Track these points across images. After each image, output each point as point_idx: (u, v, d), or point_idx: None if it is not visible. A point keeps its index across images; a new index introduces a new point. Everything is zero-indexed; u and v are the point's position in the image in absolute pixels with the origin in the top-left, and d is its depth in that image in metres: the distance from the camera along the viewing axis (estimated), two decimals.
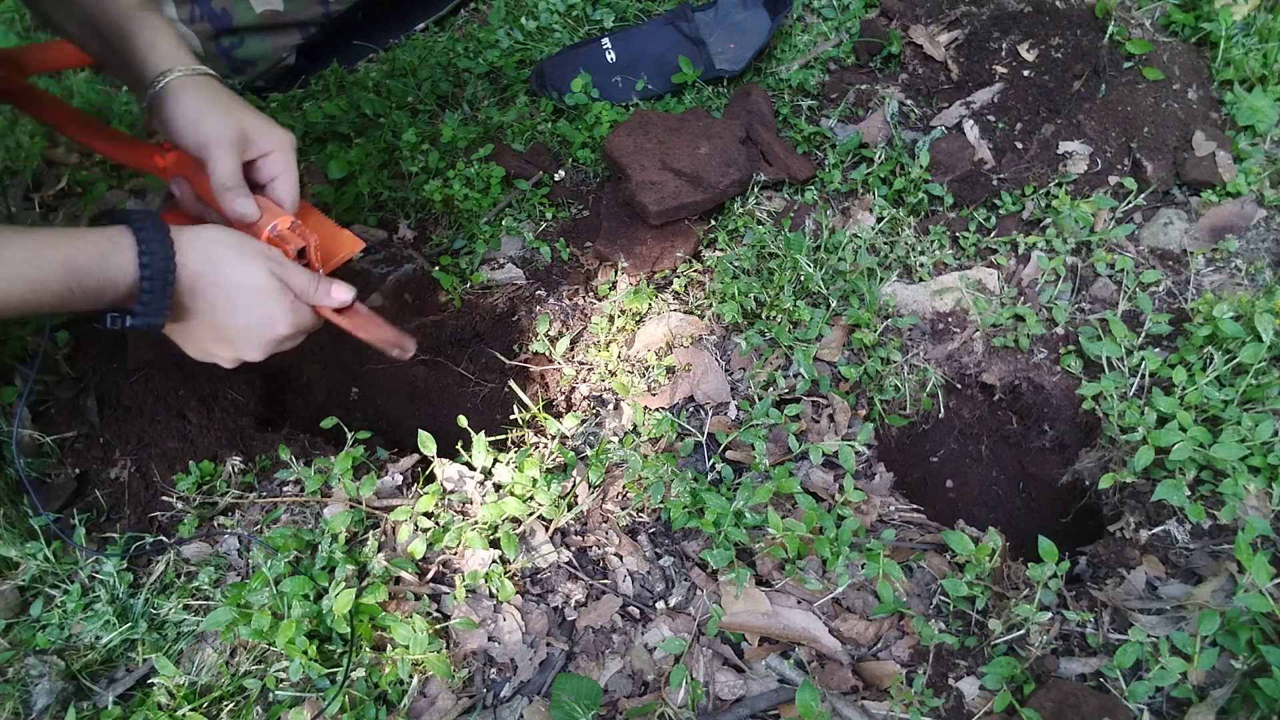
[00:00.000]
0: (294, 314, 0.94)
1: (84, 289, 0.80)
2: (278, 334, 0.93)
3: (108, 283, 0.82)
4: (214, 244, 0.89)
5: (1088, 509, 1.20)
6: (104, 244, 0.82)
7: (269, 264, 0.91)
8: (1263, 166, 1.35)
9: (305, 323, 0.96)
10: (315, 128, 1.64)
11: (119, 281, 0.82)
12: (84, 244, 0.80)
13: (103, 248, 0.81)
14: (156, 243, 0.84)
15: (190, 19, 1.67)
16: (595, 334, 1.33)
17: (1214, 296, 1.21)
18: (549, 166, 1.52)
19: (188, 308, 0.89)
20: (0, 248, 0.76)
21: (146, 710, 0.96)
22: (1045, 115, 1.42)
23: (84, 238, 0.81)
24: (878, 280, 1.32)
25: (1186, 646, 0.93)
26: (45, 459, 1.18)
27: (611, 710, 0.96)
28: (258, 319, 0.91)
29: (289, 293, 0.93)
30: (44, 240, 0.79)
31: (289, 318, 0.93)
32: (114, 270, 0.82)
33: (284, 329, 0.93)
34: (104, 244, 0.82)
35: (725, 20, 1.62)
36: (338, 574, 1.02)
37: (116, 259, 0.82)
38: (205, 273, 0.88)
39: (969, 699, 0.95)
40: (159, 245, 0.84)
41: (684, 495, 1.09)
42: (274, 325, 0.92)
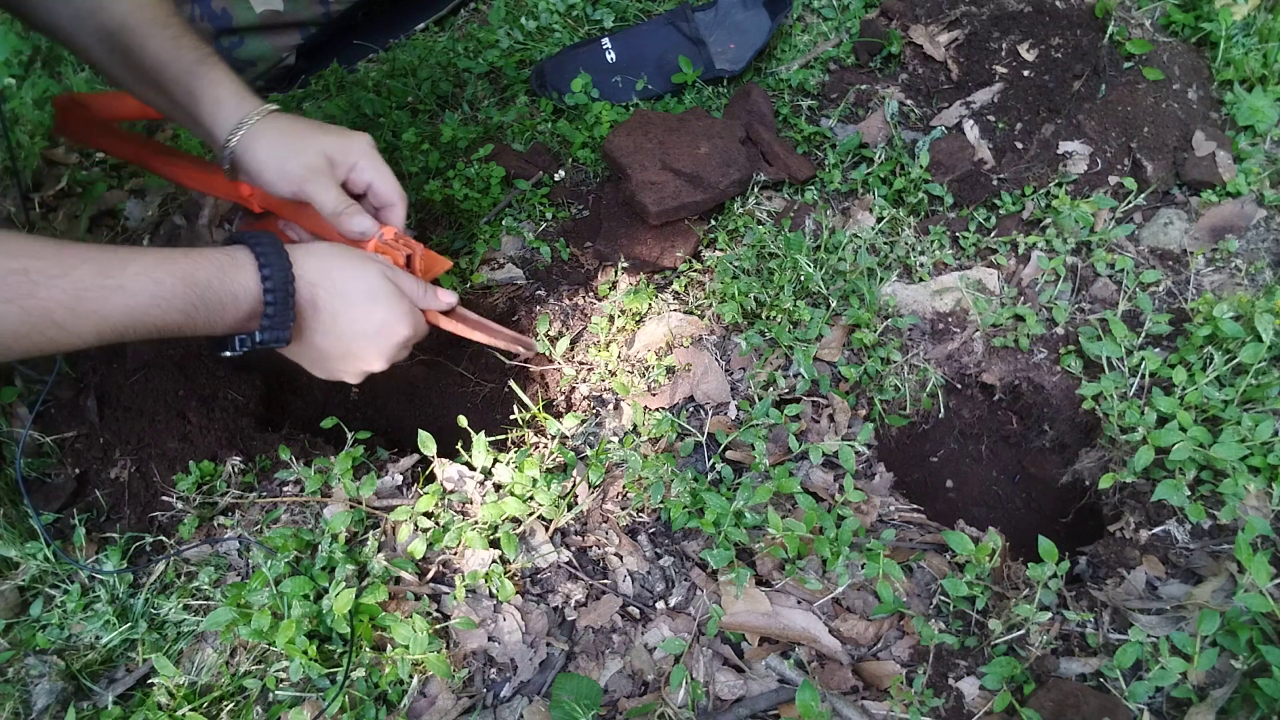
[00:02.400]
0: (412, 316, 0.94)
1: (206, 304, 0.80)
2: (400, 337, 0.94)
3: (228, 297, 0.81)
4: (326, 256, 0.90)
5: (1088, 509, 1.20)
6: (221, 259, 0.82)
7: (381, 269, 0.92)
8: (1263, 166, 1.35)
9: (421, 327, 0.97)
10: None
11: (240, 297, 0.82)
12: (201, 259, 0.81)
13: (220, 262, 0.82)
14: (274, 255, 0.84)
15: (190, 19, 1.67)
16: (595, 334, 1.33)
17: (1214, 296, 1.21)
18: (549, 166, 1.52)
19: (308, 321, 0.89)
20: (122, 266, 0.76)
21: (146, 710, 0.96)
22: (1045, 115, 1.42)
23: (201, 254, 0.81)
24: (878, 280, 1.32)
25: (1186, 646, 0.93)
26: (45, 459, 1.18)
27: (611, 710, 0.96)
28: (378, 324, 0.92)
29: (404, 295, 0.94)
30: (163, 257, 0.79)
31: (408, 319, 0.94)
32: (234, 284, 0.82)
33: (405, 330, 0.93)
34: (221, 259, 0.82)
35: (725, 20, 1.62)
36: (338, 574, 1.02)
37: (235, 273, 0.82)
38: (322, 283, 0.88)
39: (969, 699, 0.95)
40: (277, 257, 0.84)
41: (684, 495, 1.09)
42: (395, 329, 0.93)
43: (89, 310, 0.74)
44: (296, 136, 0.99)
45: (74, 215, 1.52)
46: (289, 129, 0.99)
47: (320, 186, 0.97)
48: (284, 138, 0.98)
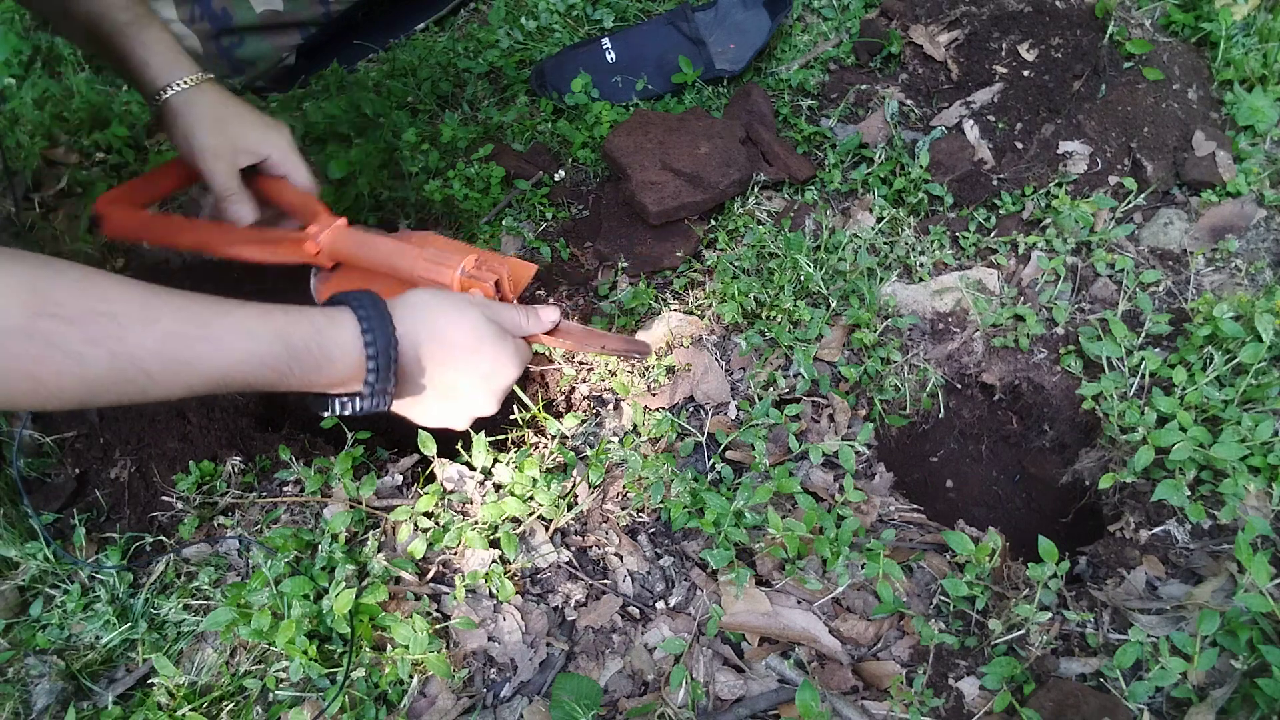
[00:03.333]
0: (518, 353, 0.91)
1: (301, 364, 0.76)
2: (509, 378, 0.91)
3: (324, 360, 0.78)
4: (424, 307, 0.86)
5: (1088, 509, 1.20)
6: (320, 319, 0.79)
7: (481, 310, 0.89)
8: (1263, 166, 1.35)
9: (527, 358, 0.94)
10: (315, 128, 1.64)
11: (337, 360, 0.79)
12: (300, 317, 0.77)
13: (319, 323, 0.78)
14: (375, 316, 0.80)
15: (190, 19, 1.67)
16: None
17: (1214, 296, 1.21)
18: (549, 166, 1.52)
19: (414, 378, 0.86)
20: (215, 318, 0.73)
21: (146, 710, 0.96)
22: (1045, 115, 1.42)
23: (300, 312, 0.78)
24: (878, 280, 1.32)
25: (1186, 646, 0.93)
26: (45, 459, 1.18)
27: (611, 710, 0.96)
28: (488, 369, 0.89)
29: (507, 334, 0.91)
30: (259, 311, 0.76)
31: (515, 358, 0.91)
32: (332, 346, 0.78)
33: (514, 370, 0.90)
34: (320, 319, 0.79)
35: (725, 20, 1.62)
36: (338, 574, 1.02)
37: (334, 333, 0.79)
38: (424, 339, 0.85)
39: (969, 699, 0.95)
40: (379, 320, 0.80)
41: (684, 495, 1.09)
42: (505, 371, 0.90)
43: (178, 360, 0.70)
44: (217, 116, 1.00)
45: (74, 215, 1.52)
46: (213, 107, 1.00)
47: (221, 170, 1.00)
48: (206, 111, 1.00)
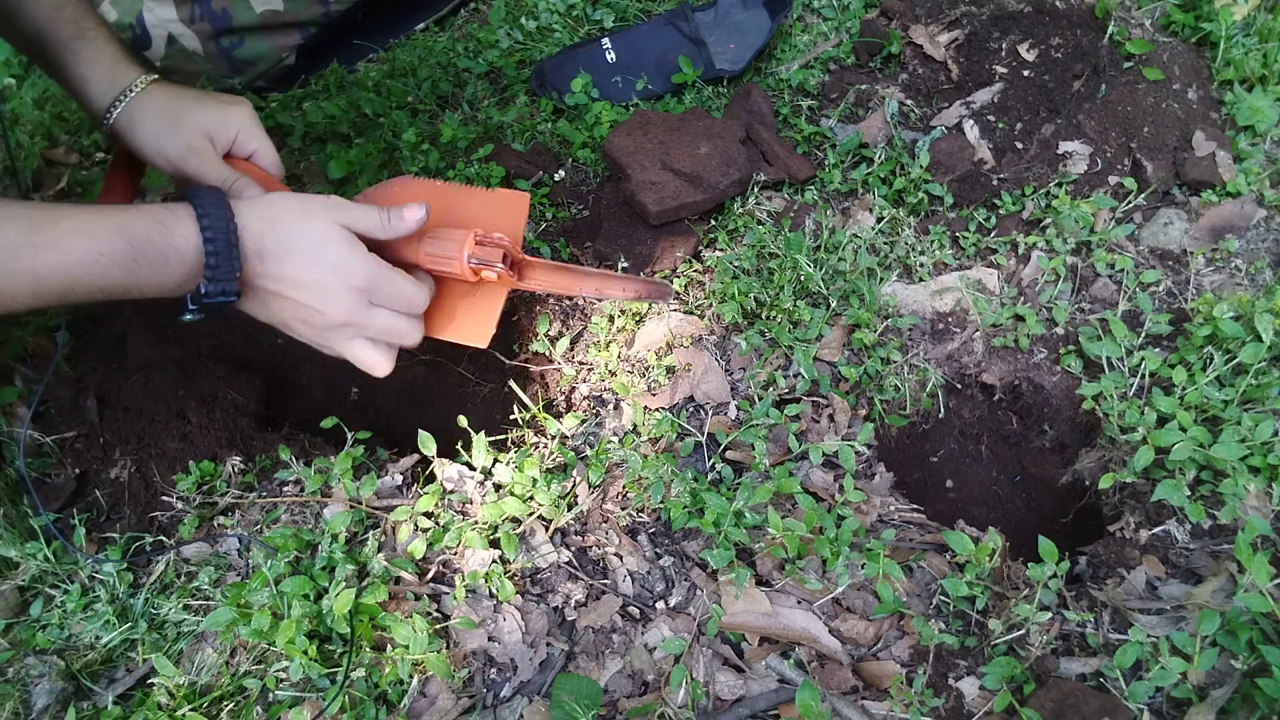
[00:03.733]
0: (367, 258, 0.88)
1: (147, 259, 0.78)
2: (356, 280, 0.87)
3: (170, 251, 0.79)
4: (274, 204, 0.86)
5: (1088, 509, 1.20)
6: (160, 212, 0.80)
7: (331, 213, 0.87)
8: (1263, 166, 1.35)
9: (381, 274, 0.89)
10: (315, 128, 1.64)
11: (182, 250, 0.80)
12: (139, 212, 0.79)
13: (159, 215, 0.80)
14: (213, 205, 0.81)
15: (190, 19, 1.67)
16: (595, 334, 1.33)
17: (1214, 296, 1.21)
18: (549, 166, 1.52)
19: (257, 272, 0.85)
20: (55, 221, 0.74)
21: (146, 710, 0.96)
22: (1045, 115, 1.42)
23: (140, 209, 0.80)
24: (878, 280, 1.32)
25: (1186, 646, 0.93)
26: (45, 459, 1.18)
27: (611, 710, 0.96)
28: (327, 267, 0.86)
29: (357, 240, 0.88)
30: (99, 211, 0.77)
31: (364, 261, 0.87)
32: (174, 237, 0.79)
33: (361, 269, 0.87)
34: (160, 212, 0.80)
35: (725, 20, 1.62)
36: (338, 574, 1.02)
37: (174, 224, 0.80)
38: (267, 232, 0.84)
39: (969, 699, 0.95)
40: (216, 207, 0.81)
41: (684, 495, 1.09)
42: (350, 270, 0.86)
43: (23, 269, 0.72)
44: (173, 115, 0.97)
45: None
46: (166, 107, 0.97)
47: (204, 164, 0.96)
48: (160, 116, 0.97)
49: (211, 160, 0.97)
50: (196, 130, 0.97)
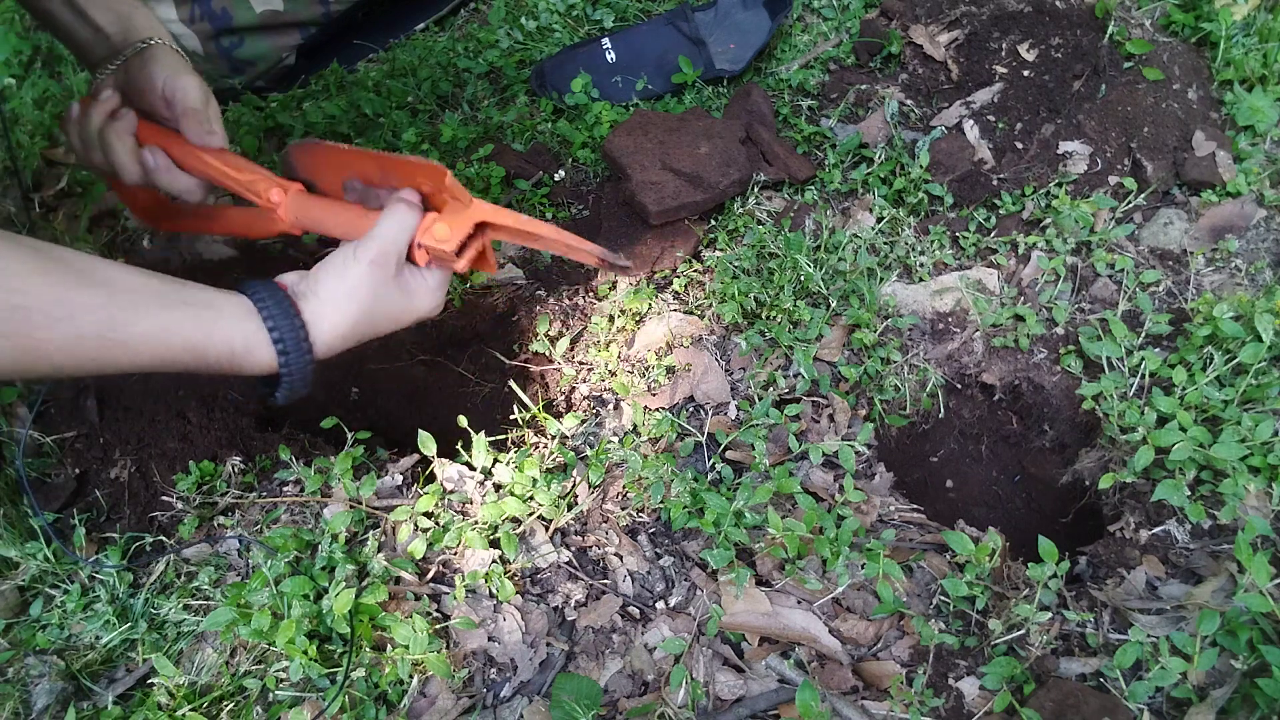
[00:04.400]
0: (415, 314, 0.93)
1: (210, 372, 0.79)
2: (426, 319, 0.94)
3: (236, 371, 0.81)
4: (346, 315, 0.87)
5: (1088, 509, 1.20)
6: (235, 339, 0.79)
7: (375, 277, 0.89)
8: (1263, 166, 1.35)
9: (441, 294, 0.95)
10: (315, 128, 1.65)
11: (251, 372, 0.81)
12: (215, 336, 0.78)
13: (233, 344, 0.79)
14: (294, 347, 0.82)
15: (190, 19, 1.67)
16: (595, 334, 1.33)
17: (1214, 296, 1.21)
18: (549, 166, 1.52)
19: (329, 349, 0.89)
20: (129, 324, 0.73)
21: (146, 710, 0.96)
22: (1045, 115, 1.42)
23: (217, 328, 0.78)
24: (878, 280, 1.32)
25: (1186, 646, 0.93)
26: (45, 459, 1.18)
27: (611, 710, 0.96)
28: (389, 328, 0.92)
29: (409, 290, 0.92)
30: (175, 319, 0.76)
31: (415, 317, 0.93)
32: (246, 366, 0.80)
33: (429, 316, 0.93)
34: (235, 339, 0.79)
35: (725, 20, 1.62)
36: (338, 574, 1.02)
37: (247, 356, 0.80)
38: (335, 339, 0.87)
39: (969, 699, 0.95)
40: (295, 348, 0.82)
41: (684, 495, 1.09)
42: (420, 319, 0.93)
43: (87, 359, 0.72)
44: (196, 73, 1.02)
45: (74, 215, 1.52)
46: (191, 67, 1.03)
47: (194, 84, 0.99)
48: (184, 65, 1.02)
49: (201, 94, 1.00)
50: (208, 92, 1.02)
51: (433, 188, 0.97)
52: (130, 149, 1.00)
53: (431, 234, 0.94)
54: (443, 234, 0.94)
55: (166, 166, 1.01)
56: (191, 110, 0.99)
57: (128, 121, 1.00)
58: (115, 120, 1.00)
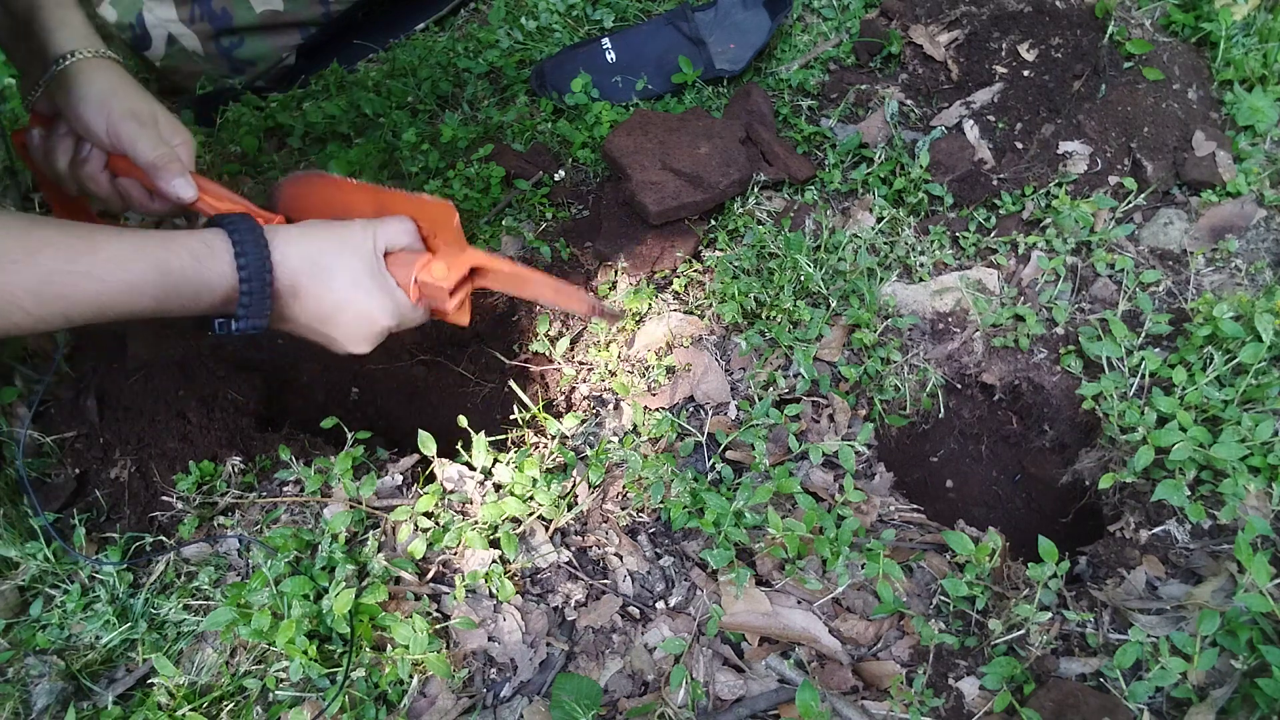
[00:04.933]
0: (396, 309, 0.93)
1: (179, 293, 0.79)
2: (379, 328, 0.93)
3: (203, 286, 0.80)
4: (312, 239, 0.88)
5: (1088, 509, 1.20)
6: (196, 246, 0.80)
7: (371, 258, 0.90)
8: (1263, 166, 1.35)
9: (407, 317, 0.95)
10: (315, 128, 1.65)
11: (215, 285, 0.81)
12: (176, 246, 0.79)
13: (195, 250, 0.80)
14: (251, 244, 0.82)
15: (190, 19, 1.67)
16: (595, 334, 1.33)
17: (1214, 296, 1.21)
18: (549, 166, 1.52)
19: (289, 306, 0.88)
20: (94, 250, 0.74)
21: (146, 710, 0.96)
22: (1045, 115, 1.42)
23: (176, 240, 0.80)
24: (878, 280, 1.32)
25: (1186, 646, 0.93)
26: (45, 459, 1.18)
27: (611, 710, 0.96)
28: (355, 315, 0.91)
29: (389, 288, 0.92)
30: (135, 242, 0.77)
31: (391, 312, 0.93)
32: (209, 273, 0.80)
33: (386, 321, 0.93)
34: (196, 246, 0.80)
35: (725, 20, 1.62)
36: (338, 574, 1.02)
37: (210, 261, 0.80)
38: (304, 269, 0.87)
39: (969, 699, 0.95)
40: (253, 246, 0.82)
41: (684, 495, 1.09)
42: (376, 320, 0.92)
43: (55, 295, 0.72)
44: (125, 83, 0.96)
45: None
46: (118, 76, 0.96)
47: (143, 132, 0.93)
48: (112, 80, 0.95)
49: (151, 130, 0.95)
50: (144, 100, 0.96)
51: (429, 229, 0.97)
52: (107, 186, 0.99)
53: (429, 271, 0.95)
54: (440, 273, 0.95)
55: (140, 193, 1.00)
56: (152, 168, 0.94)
57: (96, 161, 0.98)
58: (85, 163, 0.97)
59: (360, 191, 0.98)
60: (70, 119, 0.96)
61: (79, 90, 0.94)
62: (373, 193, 0.97)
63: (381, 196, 0.97)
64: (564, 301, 1.05)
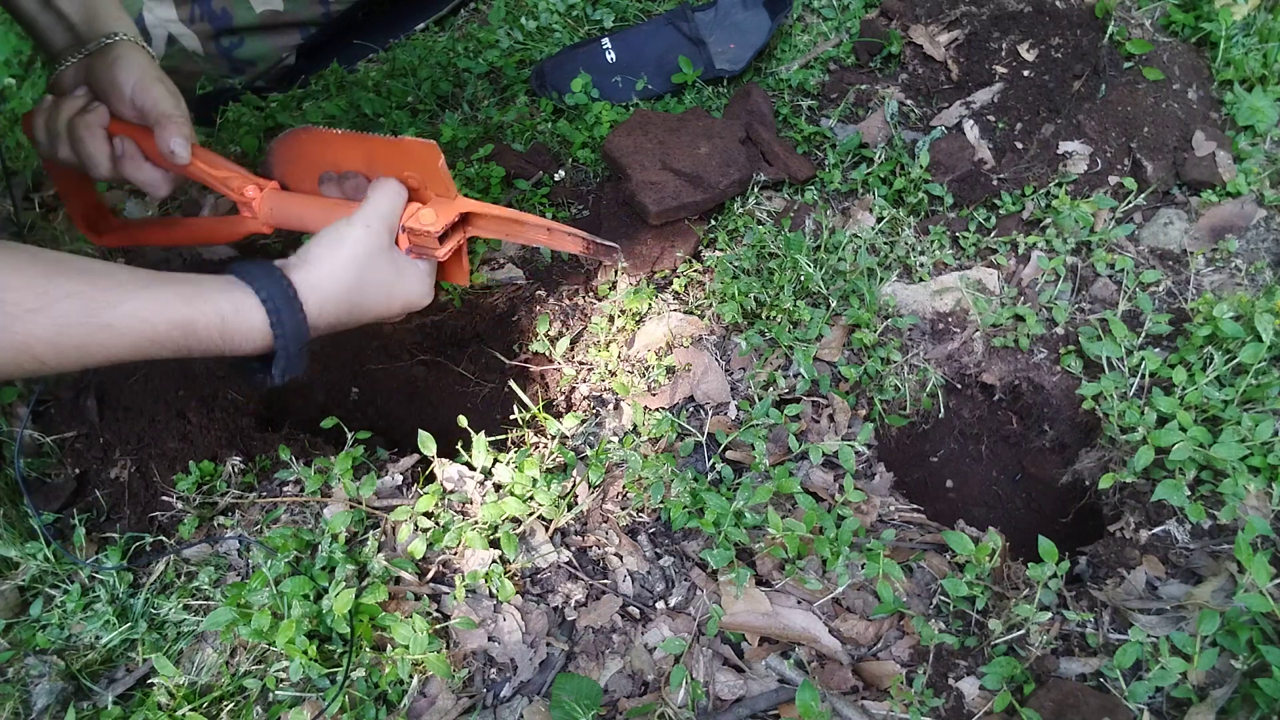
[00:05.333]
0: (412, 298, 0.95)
1: (202, 348, 0.77)
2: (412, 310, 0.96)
3: (229, 346, 0.78)
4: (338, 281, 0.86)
5: (1088, 509, 1.20)
6: (225, 307, 0.77)
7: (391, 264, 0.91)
8: (1263, 166, 1.35)
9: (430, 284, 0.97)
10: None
11: (242, 346, 0.79)
12: (203, 304, 0.76)
13: (223, 311, 0.77)
14: (284, 306, 0.80)
15: (190, 19, 1.67)
16: (595, 334, 1.33)
17: (1214, 296, 1.21)
18: (549, 166, 1.52)
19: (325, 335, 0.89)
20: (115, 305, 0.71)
21: (146, 710, 0.96)
22: (1045, 115, 1.42)
23: (203, 298, 0.76)
24: (878, 280, 1.32)
25: (1186, 646, 0.93)
26: (45, 459, 1.18)
27: (611, 710, 0.96)
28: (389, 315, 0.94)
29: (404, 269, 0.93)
30: (160, 297, 0.74)
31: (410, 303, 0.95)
32: (236, 336, 0.78)
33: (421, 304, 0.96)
34: (225, 307, 0.77)
35: (725, 20, 1.62)
36: (338, 574, 1.02)
37: (238, 324, 0.78)
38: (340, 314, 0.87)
39: (969, 699, 0.95)
40: (285, 305, 0.80)
41: (684, 495, 1.09)
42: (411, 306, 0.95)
43: (72, 347, 0.70)
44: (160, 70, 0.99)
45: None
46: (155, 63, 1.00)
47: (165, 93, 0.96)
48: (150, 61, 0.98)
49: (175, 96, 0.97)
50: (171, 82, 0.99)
51: (419, 179, 0.97)
52: (101, 141, 0.98)
53: (417, 218, 0.95)
54: (428, 218, 0.95)
55: (134, 155, 0.99)
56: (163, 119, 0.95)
57: (100, 114, 0.98)
58: (87, 113, 0.97)
59: (346, 142, 0.98)
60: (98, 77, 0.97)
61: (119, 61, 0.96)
62: (358, 141, 0.97)
63: (367, 144, 0.97)
64: (558, 243, 1.04)
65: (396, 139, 0.94)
